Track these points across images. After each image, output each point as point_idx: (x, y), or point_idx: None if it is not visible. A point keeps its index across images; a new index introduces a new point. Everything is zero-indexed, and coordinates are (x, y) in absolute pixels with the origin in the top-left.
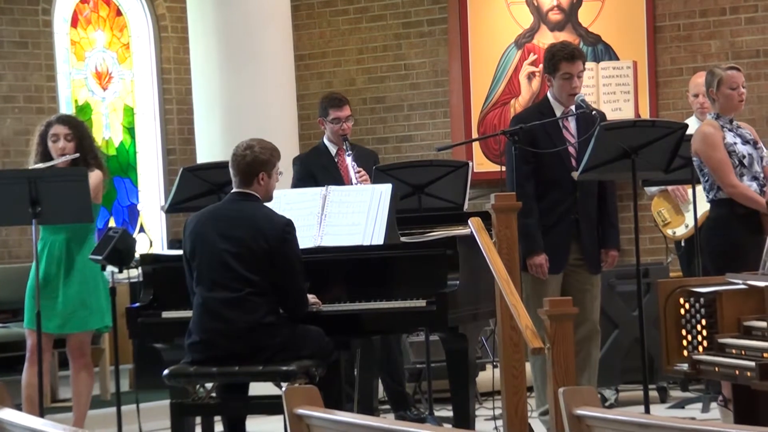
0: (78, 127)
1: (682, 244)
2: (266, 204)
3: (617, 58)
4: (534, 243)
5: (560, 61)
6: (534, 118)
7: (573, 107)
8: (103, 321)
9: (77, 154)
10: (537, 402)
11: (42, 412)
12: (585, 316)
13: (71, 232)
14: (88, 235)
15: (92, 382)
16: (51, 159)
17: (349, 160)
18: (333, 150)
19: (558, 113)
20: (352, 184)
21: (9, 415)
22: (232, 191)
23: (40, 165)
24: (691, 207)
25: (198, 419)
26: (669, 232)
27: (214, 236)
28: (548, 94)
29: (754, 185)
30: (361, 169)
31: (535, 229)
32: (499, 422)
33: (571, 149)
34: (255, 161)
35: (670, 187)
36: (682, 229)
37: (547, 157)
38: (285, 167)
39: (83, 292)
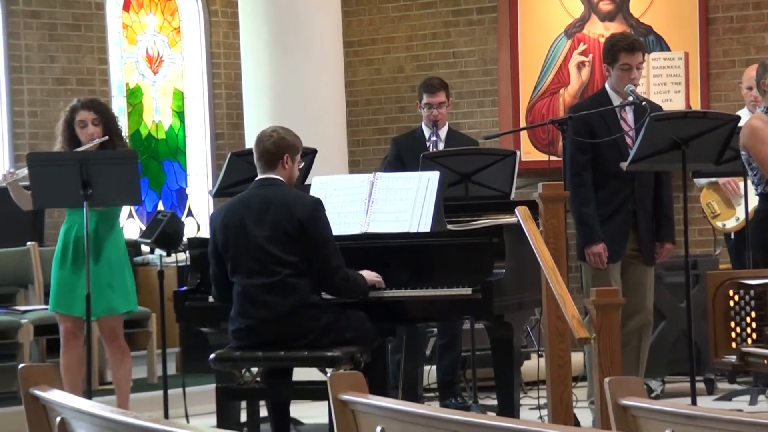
0: (104, 111)
1: (732, 236)
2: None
3: (668, 49)
4: (592, 232)
5: (619, 52)
6: (591, 108)
7: (631, 98)
8: (128, 305)
9: (105, 137)
10: (588, 390)
11: (90, 395)
12: (639, 308)
13: (100, 215)
14: (116, 218)
15: (130, 364)
16: (79, 145)
17: (432, 145)
18: (427, 134)
19: (615, 104)
20: None
21: (57, 396)
22: (257, 178)
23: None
24: (742, 200)
25: (243, 404)
26: (718, 224)
27: (248, 224)
28: (606, 85)
29: None
30: None
31: (593, 218)
32: (544, 412)
33: (629, 140)
34: (281, 142)
35: (721, 180)
36: (732, 221)
37: (604, 147)
38: (333, 154)
39: (110, 275)
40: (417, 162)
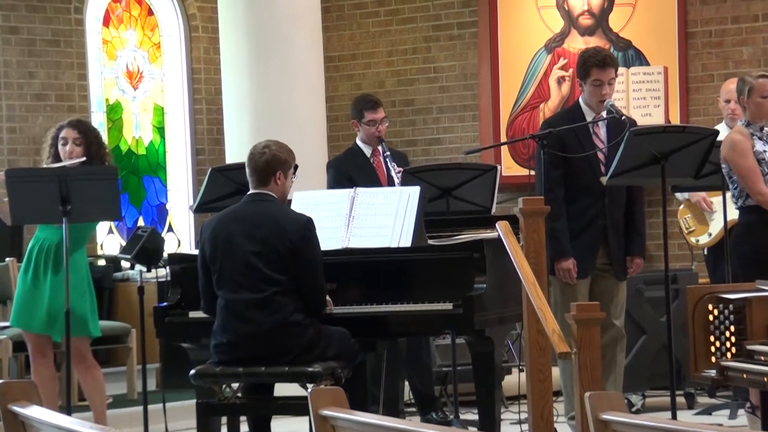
0: (87, 133)
1: (705, 252)
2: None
3: (648, 64)
4: (562, 247)
5: (591, 68)
6: (564, 122)
7: (604, 113)
8: (86, 329)
9: (83, 158)
10: (566, 407)
11: (70, 411)
12: (610, 321)
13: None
14: (82, 242)
15: (101, 381)
16: (60, 161)
17: (387, 161)
18: (368, 151)
19: (589, 119)
20: (389, 184)
21: (36, 412)
22: (249, 193)
23: (51, 166)
24: (715, 216)
25: (224, 419)
26: (693, 240)
27: (238, 238)
28: (579, 99)
29: None
30: (401, 168)
31: (563, 233)
32: (525, 426)
33: (601, 155)
34: (273, 159)
35: (693, 198)
36: (705, 237)
37: (576, 162)
38: (314, 169)
39: (68, 298)
40: (367, 178)
